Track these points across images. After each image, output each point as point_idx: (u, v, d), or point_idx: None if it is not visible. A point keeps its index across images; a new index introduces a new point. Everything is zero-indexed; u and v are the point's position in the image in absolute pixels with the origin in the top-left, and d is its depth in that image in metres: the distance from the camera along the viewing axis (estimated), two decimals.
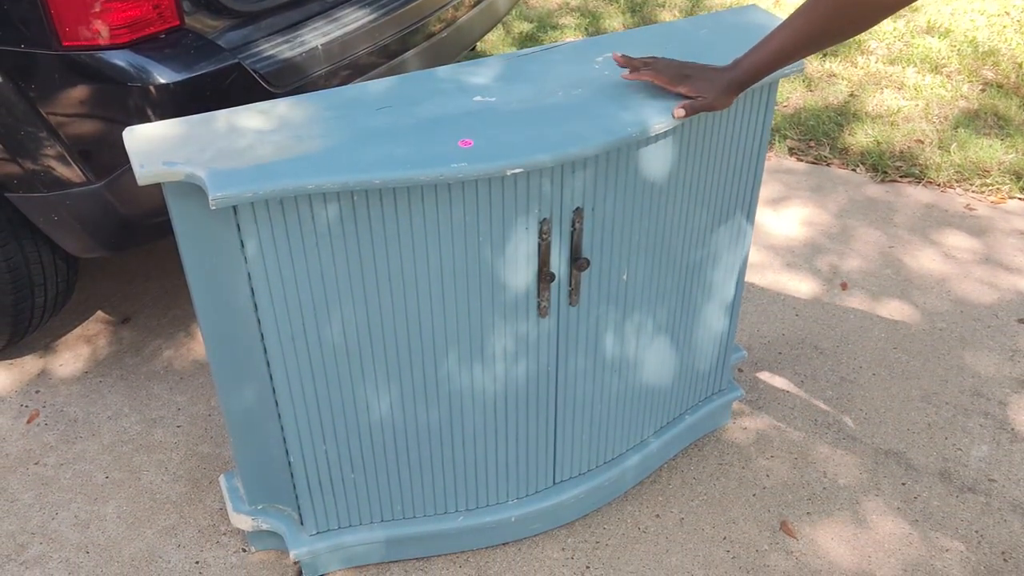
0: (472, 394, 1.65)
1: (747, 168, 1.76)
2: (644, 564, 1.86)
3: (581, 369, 1.72)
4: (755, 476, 2.05)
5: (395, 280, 1.47)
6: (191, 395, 2.30)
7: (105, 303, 2.62)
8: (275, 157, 1.37)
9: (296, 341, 1.50)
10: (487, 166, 1.36)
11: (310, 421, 1.60)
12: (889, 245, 2.79)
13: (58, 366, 2.40)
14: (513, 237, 1.49)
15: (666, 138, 1.53)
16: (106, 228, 2.03)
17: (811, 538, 1.91)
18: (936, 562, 1.85)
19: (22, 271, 2.11)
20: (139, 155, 1.37)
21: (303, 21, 2.21)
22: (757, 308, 2.55)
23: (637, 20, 4.28)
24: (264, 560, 1.88)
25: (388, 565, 1.86)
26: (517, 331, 1.60)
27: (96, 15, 1.79)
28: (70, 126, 1.88)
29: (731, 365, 2.09)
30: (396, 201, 1.39)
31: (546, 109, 1.50)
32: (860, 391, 2.27)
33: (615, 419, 1.86)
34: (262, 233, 1.38)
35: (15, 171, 1.95)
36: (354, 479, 1.71)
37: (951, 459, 2.08)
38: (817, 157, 3.24)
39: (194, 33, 1.95)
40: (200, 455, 2.13)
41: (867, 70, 3.74)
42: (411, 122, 1.46)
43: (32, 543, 1.93)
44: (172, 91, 1.85)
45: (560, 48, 1.72)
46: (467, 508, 1.83)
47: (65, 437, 2.19)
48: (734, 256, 1.87)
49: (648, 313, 1.75)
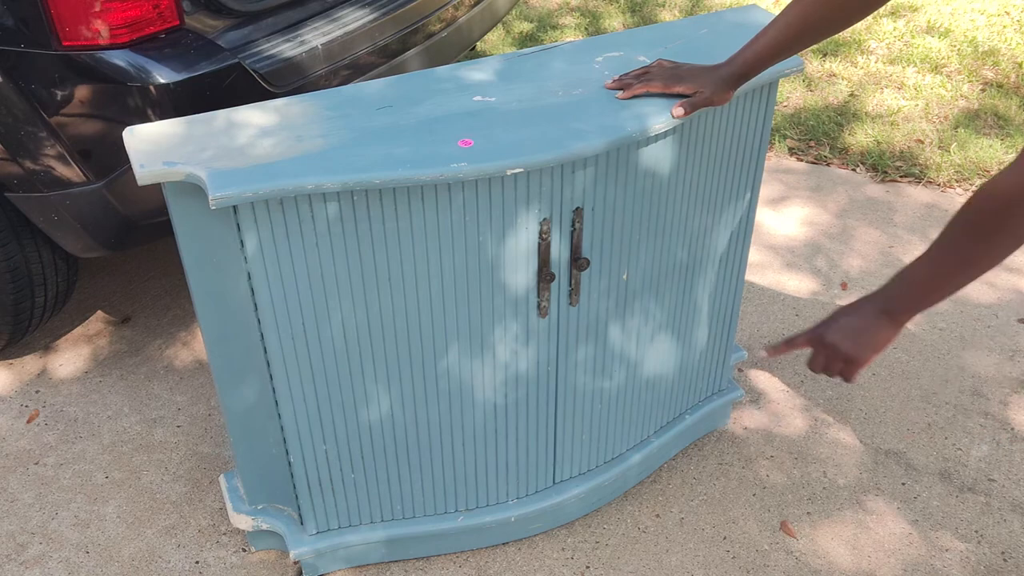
0: (472, 394, 1.65)
1: (747, 168, 1.76)
2: (644, 564, 1.86)
3: (581, 369, 1.72)
4: (755, 476, 2.05)
5: (395, 280, 1.47)
6: (191, 395, 2.30)
7: (105, 303, 2.62)
8: (275, 157, 1.37)
9: (296, 341, 1.50)
10: (487, 166, 1.36)
11: (310, 421, 1.60)
12: (889, 245, 2.79)
13: (58, 366, 2.40)
14: (513, 237, 1.49)
15: (666, 138, 1.53)
16: (106, 228, 2.03)
17: (811, 538, 1.91)
18: (936, 562, 1.85)
19: (22, 271, 2.11)
20: (139, 155, 1.37)
21: (303, 21, 2.21)
22: (757, 308, 2.55)
23: (637, 20, 4.28)
24: (264, 560, 1.88)
25: (388, 565, 1.86)
26: (517, 331, 1.60)
27: (96, 15, 1.79)
28: (70, 126, 1.88)
29: (731, 365, 2.09)
30: (396, 201, 1.39)
31: (546, 109, 1.50)
32: (860, 391, 2.27)
33: (615, 419, 1.86)
34: (262, 233, 1.38)
35: (15, 171, 1.95)
36: (354, 479, 1.71)
37: (951, 459, 2.08)
38: (817, 157, 3.24)
39: (194, 33, 1.95)
40: (200, 455, 2.13)
41: (867, 70, 3.74)
42: (411, 122, 1.47)
43: (32, 543, 1.93)
44: (172, 91, 1.85)
45: (560, 48, 1.72)
46: (467, 508, 1.83)
47: (65, 437, 2.19)
48: (734, 256, 1.87)
49: (648, 313, 1.75)
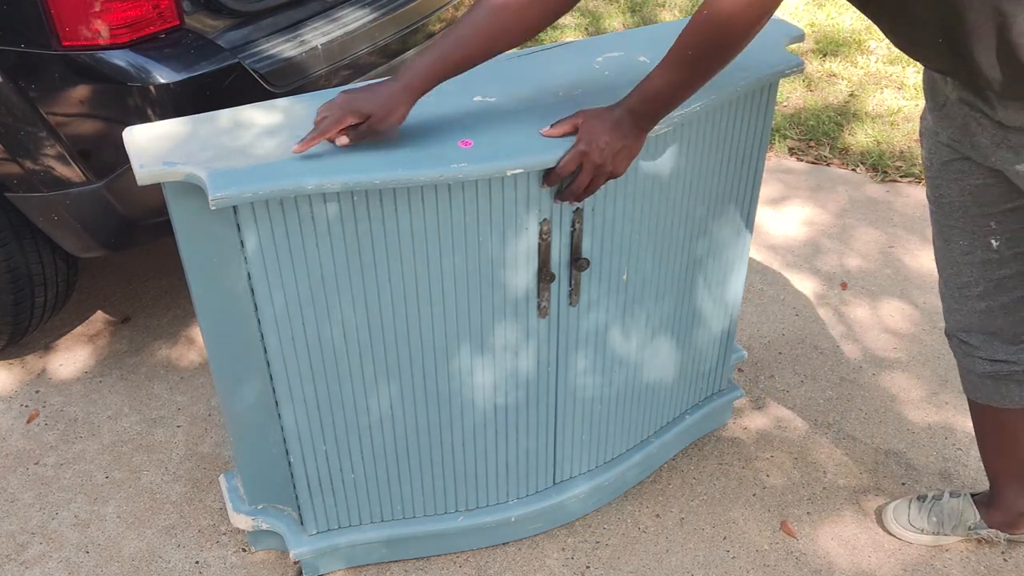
0: (472, 394, 1.65)
1: (747, 168, 1.76)
2: (644, 564, 1.86)
3: (581, 369, 1.72)
4: (755, 476, 2.05)
5: (395, 280, 1.47)
6: (191, 395, 2.30)
7: (105, 303, 2.62)
8: (275, 157, 1.37)
9: (296, 341, 1.50)
10: (487, 166, 1.36)
11: (310, 421, 1.60)
12: (889, 245, 2.79)
13: (58, 366, 2.40)
14: (513, 237, 1.49)
15: (666, 138, 1.53)
16: (106, 228, 2.03)
17: (811, 538, 1.91)
18: (936, 562, 1.85)
19: (22, 271, 2.11)
20: (139, 155, 1.37)
21: (303, 21, 2.21)
22: (757, 308, 2.55)
23: (637, 20, 4.28)
24: (264, 560, 1.88)
25: (388, 565, 1.86)
26: (517, 331, 1.60)
27: (96, 15, 1.79)
28: (70, 126, 1.88)
29: (731, 365, 2.09)
30: (396, 201, 1.39)
31: (546, 109, 1.50)
32: (860, 391, 2.27)
33: (615, 419, 1.86)
34: (262, 233, 1.38)
35: (15, 171, 1.95)
36: (354, 479, 1.71)
37: (951, 459, 2.08)
38: (817, 157, 3.24)
39: (194, 33, 1.95)
40: (200, 455, 2.13)
41: (867, 70, 3.74)
42: (411, 122, 1.46)
43: (32, 543, 1.93)
44: (172, 91, 1.85)
45: (560, 48, 1.72)
46: (467, 508, 1.83)
47: (65, 437, 2.19)
48: (734, 256, 1.87)
49: (648, 313, 1.75)
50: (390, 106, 1.36)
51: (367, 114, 1.35)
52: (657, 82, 1.34)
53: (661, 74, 1.33)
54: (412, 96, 1.37)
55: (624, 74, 1.61)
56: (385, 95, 1.36)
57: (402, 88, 1.36)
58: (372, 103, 1.36)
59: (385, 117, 1.36)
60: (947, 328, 1.69)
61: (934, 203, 1.59)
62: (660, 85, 1.34)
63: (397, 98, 1.36)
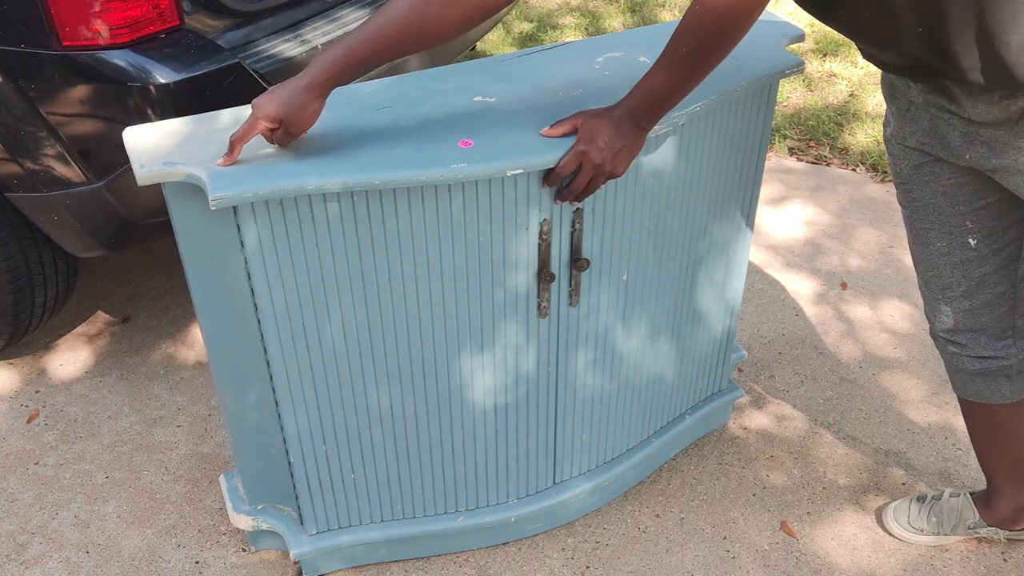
0: (472, 394, 1.65)
1: (747, 168, 1.76)
2: (644, 564, 1.86)
3: (581, 369, 1.72)
4: (755, 476, 2.05)
5: (395, 280, 1.47)
6: (191, 395, 2.30)
7: (105, 303, 2.62)
8: (275, 157, 1.37)
9: (296, 341, 1.50)
10: (487, 166, 1.36)
11: (310, 421, 1.60)
12: (889, 245, 2.79)
13: (58, 366, 2.40)
14: (513, 237, 1.49)
15: (666, 138, 1.53)
16: (106, 228, 2.03)
17: (811, 538, 1.91)
18: (936, 562, 1.85)
19: (22, 271, 2.11)
20: (139, 155, 1.37)
21: (303, 21, 2.21)
22: (757, 308, 2.55)
23: (637, 20, 4.28)
24: (264, 560, 1.88)
25: (388, 565, 1.86)
26: (517, 331, 1.60)
27: (96, 15, 1.79)
28: (70, 126, 1.88)
29: (731, 365, 2.09)
30: (396, 201, 1.39)
31: (546, 109, 1.50)
32: (860, 391, 2.27)
33: (615, 419, 1.86)
34: (262, 233, 1.38)
35: (15, 171, 1.95)
36: (354, 479, 1.71)
37: (951, 459, 2.08)
38: (817, 157, 3.24)
39: (194, 33, 1.95)
40: (200, 455, 2.13)
41: (867, 70, 3.74)
42: (411, 122, 1.46)
43: (32, 543, 1.93)
44: (172, 91, 1.85)
45: (560, 48, 1.72)
46: (467, 508, 1.83)
47: (65, 437, 2.19)
48: (734, 256, 1.87)
49: (648, 313, 1.75)
50: (297, 108, 1.32)
51: (279, 119, 1.33)
52: (654, 80, 1.34)
53: (658, 72, 1.34)
54: (318, 93, 1.33)
55: (624, 74, 1.61)
56: (288, 96, 1.32)
57: (306, 87, 1.32)
58: (280, 107, 1.32)
59: (297, 121, 1.33)
60: (932, 329, 1.68)
61: (908, 207, 1.59)
62: (657, 83, 1.34)
63: (302, 98, 1.32)
